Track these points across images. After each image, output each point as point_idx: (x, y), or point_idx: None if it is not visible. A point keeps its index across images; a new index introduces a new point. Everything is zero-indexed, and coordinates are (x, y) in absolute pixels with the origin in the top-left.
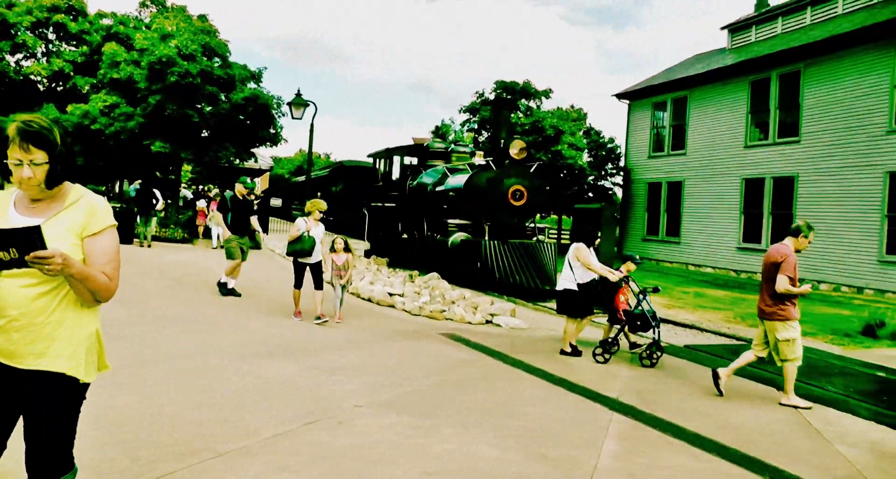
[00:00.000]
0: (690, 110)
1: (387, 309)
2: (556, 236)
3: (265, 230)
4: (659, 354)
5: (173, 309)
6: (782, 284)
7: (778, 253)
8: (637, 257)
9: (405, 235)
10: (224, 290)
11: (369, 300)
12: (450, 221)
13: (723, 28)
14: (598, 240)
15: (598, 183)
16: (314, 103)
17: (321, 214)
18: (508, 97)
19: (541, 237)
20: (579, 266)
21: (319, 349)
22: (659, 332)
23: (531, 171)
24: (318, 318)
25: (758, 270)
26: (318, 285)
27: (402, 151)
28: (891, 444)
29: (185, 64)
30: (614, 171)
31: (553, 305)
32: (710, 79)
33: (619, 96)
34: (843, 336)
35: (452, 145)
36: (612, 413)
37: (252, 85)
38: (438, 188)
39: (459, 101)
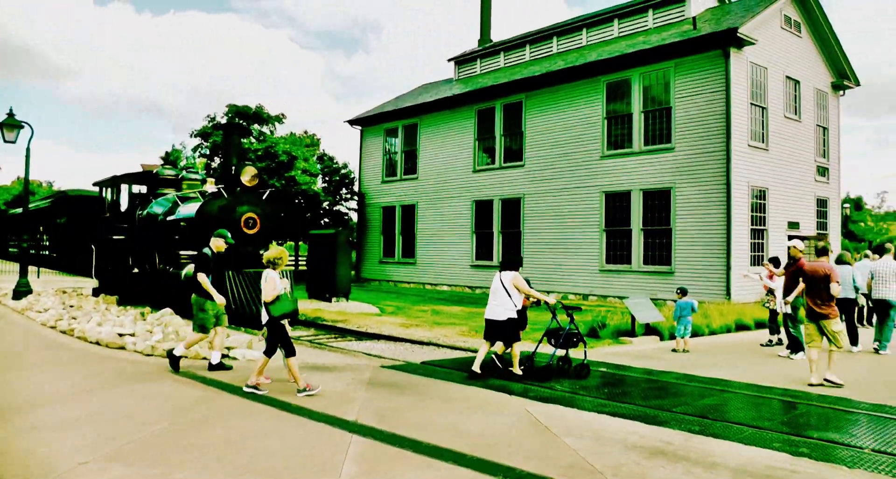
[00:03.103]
0: (421, 137)
1: (117, 352)
2: (292, 263)
3: None
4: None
5: None
6: (836, 289)
7: (825, 267)
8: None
9: (136, 270)
10: (175, 365)
11: (97, 343)
12: (182, 252)
13: (450, 60)
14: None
15: (334, 208)
16: (30, 125)
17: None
18: (241, 122)
19: None
20: (517, 294)
21: (38, 405)
22: (586, 347)
23: (264, 198)
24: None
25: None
26: (291, 351)
27: (130, 178)
28: (608, 430)
29: None
30: (349, 196)
31: (298, 333)
32: (440, 107)
33: (352, 122)
34: None
35: (183, 172)
36: (352, 436)
37: None
38: (169, 218)
39: (191, 125)
